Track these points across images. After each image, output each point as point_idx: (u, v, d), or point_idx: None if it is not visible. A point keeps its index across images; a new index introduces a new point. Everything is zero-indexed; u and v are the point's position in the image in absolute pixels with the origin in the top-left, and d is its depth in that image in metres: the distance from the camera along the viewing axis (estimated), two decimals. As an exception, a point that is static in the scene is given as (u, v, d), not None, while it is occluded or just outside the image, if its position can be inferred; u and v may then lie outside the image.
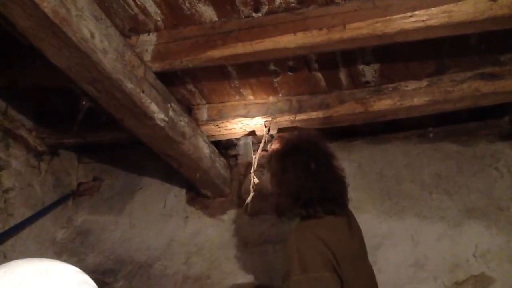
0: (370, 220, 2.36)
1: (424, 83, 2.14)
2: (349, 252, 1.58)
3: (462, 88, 2.09)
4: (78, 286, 0.80)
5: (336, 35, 1.69)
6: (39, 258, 0.80)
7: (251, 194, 2.31)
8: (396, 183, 2.47)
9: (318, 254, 1.49)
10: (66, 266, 0.81)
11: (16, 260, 0.79)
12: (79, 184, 3.01)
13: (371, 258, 1.79)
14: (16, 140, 2.60)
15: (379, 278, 1.76)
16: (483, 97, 2.10)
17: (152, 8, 1.78)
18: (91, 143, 2.80)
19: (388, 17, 1.64)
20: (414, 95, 2.14)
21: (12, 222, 2.46)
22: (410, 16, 1.62)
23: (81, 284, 0.81)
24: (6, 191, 2.47)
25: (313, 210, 1.65)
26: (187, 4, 1.75)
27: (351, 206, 1.83)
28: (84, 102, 1.90)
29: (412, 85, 2.15)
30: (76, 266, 0.85)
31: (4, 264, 0.78)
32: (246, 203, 2.32)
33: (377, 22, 1.66)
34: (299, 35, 1.72)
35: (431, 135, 2.55)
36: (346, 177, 1.80)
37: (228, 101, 2.35)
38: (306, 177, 1.70)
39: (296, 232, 1.65)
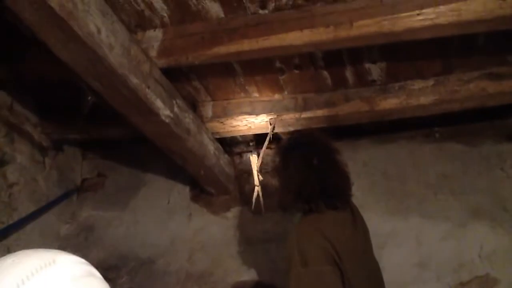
0: (374, 220, 2.33)
1: (430, 82, 2.13)
2: (351, 247, 1.58)
3: (469, 88, 2.07)
4: (85, 277, 0.79)
5: (343, 32, 1.68)
6: (46, 249, 0.80)
7: (256, 191, 2.30)
8: (401, 182, 2.46)
9: (318, 247, 1.49)
10: (72, 257, 0.81)
11: (24, 250, 0.79)
12: (83, 180, 3.02)
13: (375, 257, 1.79)
14: (21, 135, 2.60)
15: (383, 277, 1.75)
16: (490, 97, 2.09)
17: (158, 4, 1.77)
18: (96, 139, 2.81)
19: (395, 15, 1.63)
20: (421, 94, 2.12)
21: (16, 217, 2.46)
22: (418, 14, 1.61)
23: (87, 275, 0.80)
24: (10, 185, 2.48)
25: (315, 205, 1.65)
26: (194, 0, 1.74)
27: (355, 204, 1.82)
28: (89, 97, 1.90)
29: (418, 84, 2.14)
30: (80, 260, 0.86)
31: (11, 254, 0.77)
32: (253, 201, 2.31)
33: (384, 20, 1.64)
34: (306, 32, 1.71)
35: (437, 135, 2.53)
36: (349, 172, 1.80)
37: (233, 98, 2.35)
38: (308, 171, 1.70)
39: (297, 226, 1.66)
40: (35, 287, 0.71)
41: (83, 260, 0.83)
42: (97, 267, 0.88)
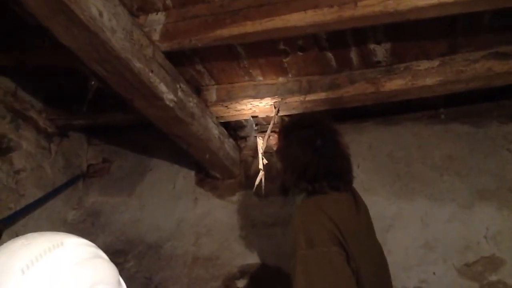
0: (380, 202, 2.35)
1: (436, 62, 2.10)
2: (355, 228, 1.57)
3: (475, 67, 2.05)
4: (92, 258, 0.82)
5: (347, 12, 1.66)
6: (54, 232, 0.82)
7: (260, 175, 2.30)
8: (406, 164, 2.45)
9: (324, 228, 1.47)
10: (80, 240, 0.84)
11: (32, 233, 0.81)
12: (89, 166, 3.03)
13: (380, 240, 1.78)
14: (26, 121, 2.61)
15: (389, 259, 1.75)
16: (497, 77, 2.06)
17: (160, -14, 1.76)
18: (101, 125, 2.81)
19: (400, -6, 1.61)
20: (426, 75, 2.10)
21: (23, 203, 2.49)
22: (423, -7, 1.59)
23: (95, 257, 0.83)
24: (17, 172, 2.49)
25: (319, 185, 1.64)
26: (196, -18, 1.73)
27: (361, 187, 1.83)
28: (92, 82, 1.89)
29: (424, 64, 2.11)
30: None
31: (21, 236, 0.80)
32: (256, 184, 2.31)
33: (389, -1, 1.62)
34: (310, 13, 1.69)
35: (442, 116, 2.51)
36: (350, 154, 1.78)
37: (237, 82, 2.34)
38: (312, 152, 1.68)
39: (301, 207, 1.65)
40: (44, 268, 0.74)
41: (90, 243, 0.86)
42: (104, 252, 0.90)
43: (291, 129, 1.83)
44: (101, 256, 0.86)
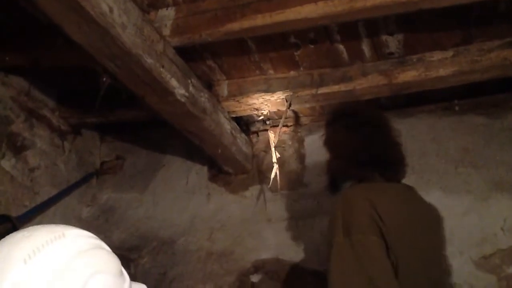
0: (394, 195, 2.32)
1: (450, 53, 2.07)
2: (404, 221, 1.47)
3: (490, 57, 2.01)
4: (93, 249, 0.84)
5: (359, 3, 1.64)
6: (56, 224, 0.84)
7: (274, 169, 2.30)
8: (421, 157, 2.41)
9: (365, 216, 1.39)
10: (81, 231, 0.87)
11: (35, 226, 0.84)
12: (102, 163, 3.05)
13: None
14: (39, 120, 2.63)
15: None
16: (512, 66, 2.03)
17: (170, -19, 1.76)
18: (113, 122, 2.82)
19: (413, -17, 1.59)
20: (440, 66, 2.07)
21: (38, 200, 2.51)
22: (436, -19, 1.57)
23: (95, 247, 0.85)
24: (32, 170, 2.52)
25: (370, 173, 1.58)
26: (206, -24, 1.72)
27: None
28: (104, 79, 1.90)
29: (437, 55, 2.08)
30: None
31: (23, 229, 0.82)
32: (271, 178, 2.30)
33: (401, -12, 1.60)
34: (320, 4, 1.67)
35: (456, 107, 2.47)
36: (402, 143, 1.71)
37: (248, 76, 2.33)
38: (362, 137, 1.62)
39: (345, 193, 1.55)
40: (46, 258, 0.77)
41: (91, 234, 0.89)
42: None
43: (337, 118, 1.77)
44: (102, 247, 0.88)
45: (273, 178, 2.30)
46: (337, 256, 1.38)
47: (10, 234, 0.81)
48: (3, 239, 0.79)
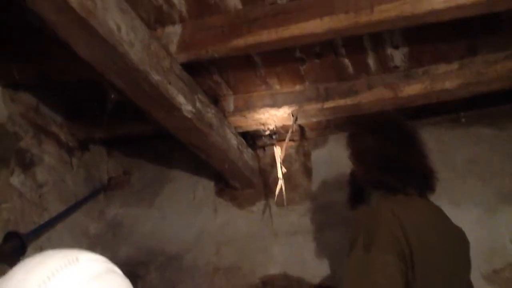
0: (402, 208, 2.31)
1: (455, 65, 2.08)
2: (434, 240, 1.42)
3: (495, 69, 2.02)
4: (106, 274, 0.85)
5: (363, 18, 1.65)
6: (69, 248, 0.85)
7: (280, 184, 2.30)
8: (428, 169, 2.41)
9: (388, 234, 1.35)
10: (95, 256, 0.88)
11: (48, 250, 0.85)
12: (110, 178, 3.06)
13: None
14: (48, 136, 2.65)
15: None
16: (518, 78, 2.03)
17: (176, -2, 1.78)
18: (120, 137, 2.84)
19: (416, -3, 1.60)
20: (445, 78, 2.08)
21: (47, 217, 2.51)
22: (440, -5, 1.58)
23: (109, 272, 0.86)
24: (40, 186, 2.53)
25: (402, 184, 1.52)
26: (212, -7, 1.74)
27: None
28: (112, 95, 1.92)
29: (443, 68, 2.09)
30: (109, 258, 0.91)
31: (37, 254, 0.83)
32: (276, 193, 2.30)
33: (405, 3, 1.61)
34: (326, 19, 1.69)
35: (463, 119, 2.47)
36: (428, 155, 1.65)
37: (254, 91, 2.34)
38: (397, 145, 1.57)
39: (374, 209, 1.50)
40: (60, 283, 0.77)
41: (104, 258, 0.89)
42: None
43: (365, 127, 1.73)
44: (114, 271, 0.89)
45: (278, 193, 2.30)
46: (353, 269, 1.37)
47: (26, 259, 0.82)
48: (17, 266, 0.80)
